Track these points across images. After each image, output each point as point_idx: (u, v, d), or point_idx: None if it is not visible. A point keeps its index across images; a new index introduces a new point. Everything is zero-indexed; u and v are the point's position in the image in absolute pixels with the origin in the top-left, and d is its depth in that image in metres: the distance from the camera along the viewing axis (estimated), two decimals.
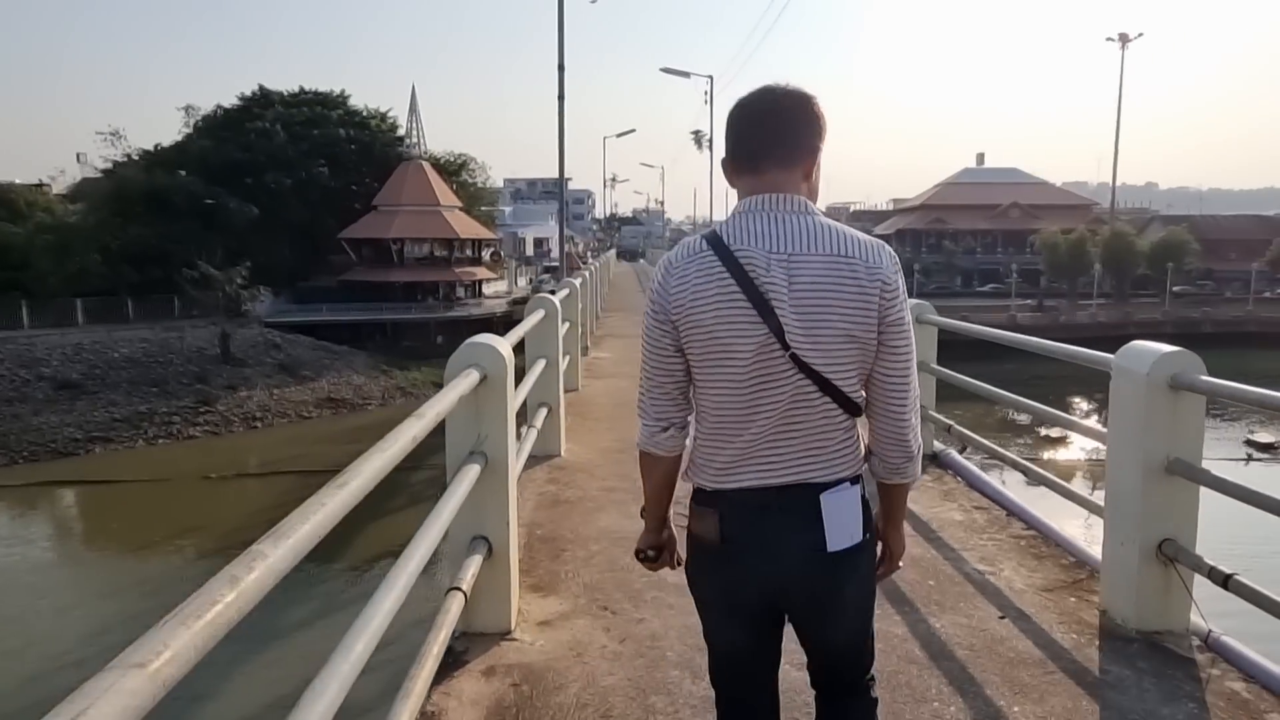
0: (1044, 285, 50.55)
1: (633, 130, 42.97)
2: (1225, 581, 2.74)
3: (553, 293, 6.29)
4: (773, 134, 1.56)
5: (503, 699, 2.63)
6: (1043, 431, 25.90)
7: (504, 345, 3.04)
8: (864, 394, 1.59)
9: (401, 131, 47.91)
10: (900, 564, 1.77)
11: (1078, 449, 24.11)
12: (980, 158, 70.90)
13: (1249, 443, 24.77)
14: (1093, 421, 5.13)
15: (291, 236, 41.88)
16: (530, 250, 68.34)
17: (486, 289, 48.28)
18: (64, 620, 16.66)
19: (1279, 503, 2.64)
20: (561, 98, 16.33)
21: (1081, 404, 29.23)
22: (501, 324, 44.72)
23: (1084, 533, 4.03)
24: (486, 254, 49.92)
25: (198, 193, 38.34)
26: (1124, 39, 46.28)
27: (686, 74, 28.78)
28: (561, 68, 16.03)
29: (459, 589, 2.55)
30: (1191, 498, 3.01)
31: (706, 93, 29.50)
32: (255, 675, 14.34)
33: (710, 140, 30.28)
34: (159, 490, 24.82)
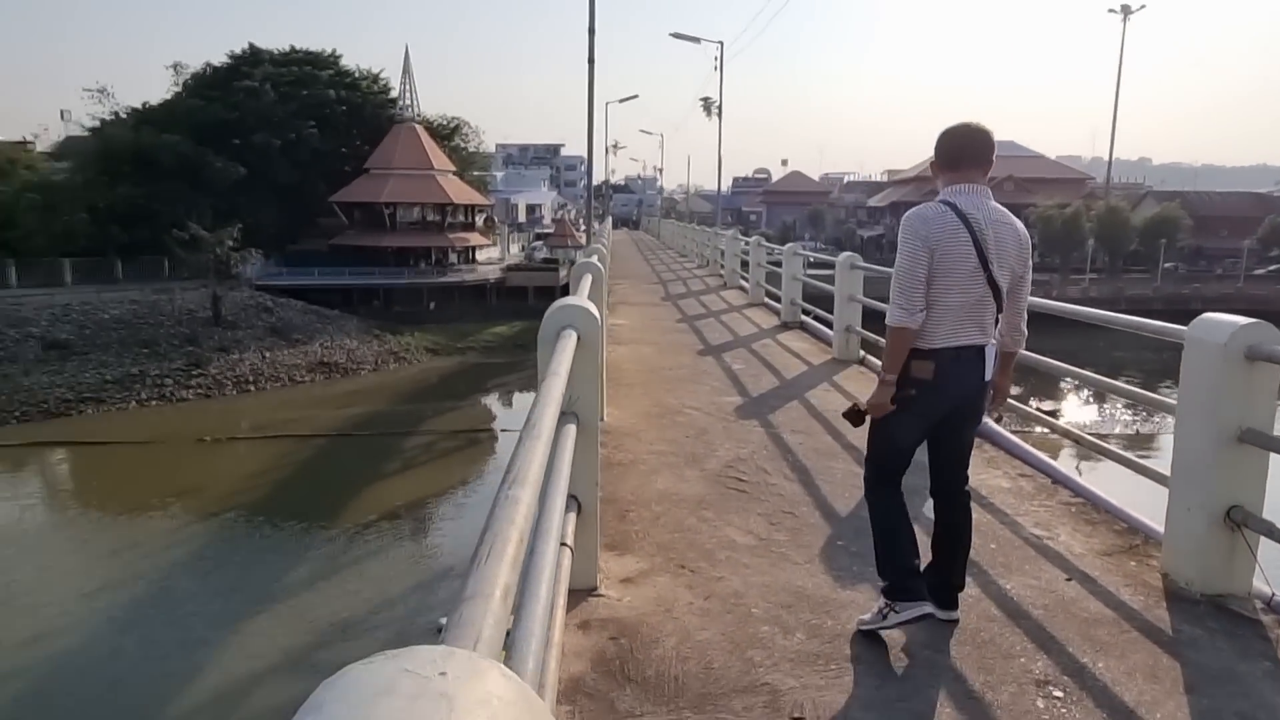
0: (1037, 260, 50.78)
1: (636, 96, 42.44)
2: None
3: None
4: (975, 151, 2.83)
5: (604, 651, 2.70)
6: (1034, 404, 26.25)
7: (594, 307, 3.06)
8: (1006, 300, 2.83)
9: (394, 94, 47.16)
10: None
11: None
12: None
13: None
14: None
15: (280, 198, 41.33)
16: (523, 217, 67.84)
17: (479, 255, 47.94)
18: (47, 577, 16.73)
19: None
20: (592, 61, 15.96)
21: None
22: (495, 291, 44.58)
23: (1132, 499, 4.12)
24: (479, 220, 49.49)
25: (186, 153, 37.69)
26: (1126, 10, 46.09)
27: (697, 39, 28.41)
28: (592, 31, 15.66)
29: (566, 544, 2.60)
30: (1262, 465, 3.10)
31: (716, 59, 29.06)
32: (263, 634, 14.53)
33: (720, 107, 29.85)
34: (152, 452, 24.76)
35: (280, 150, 40.68)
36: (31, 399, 26.79)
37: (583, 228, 59.33)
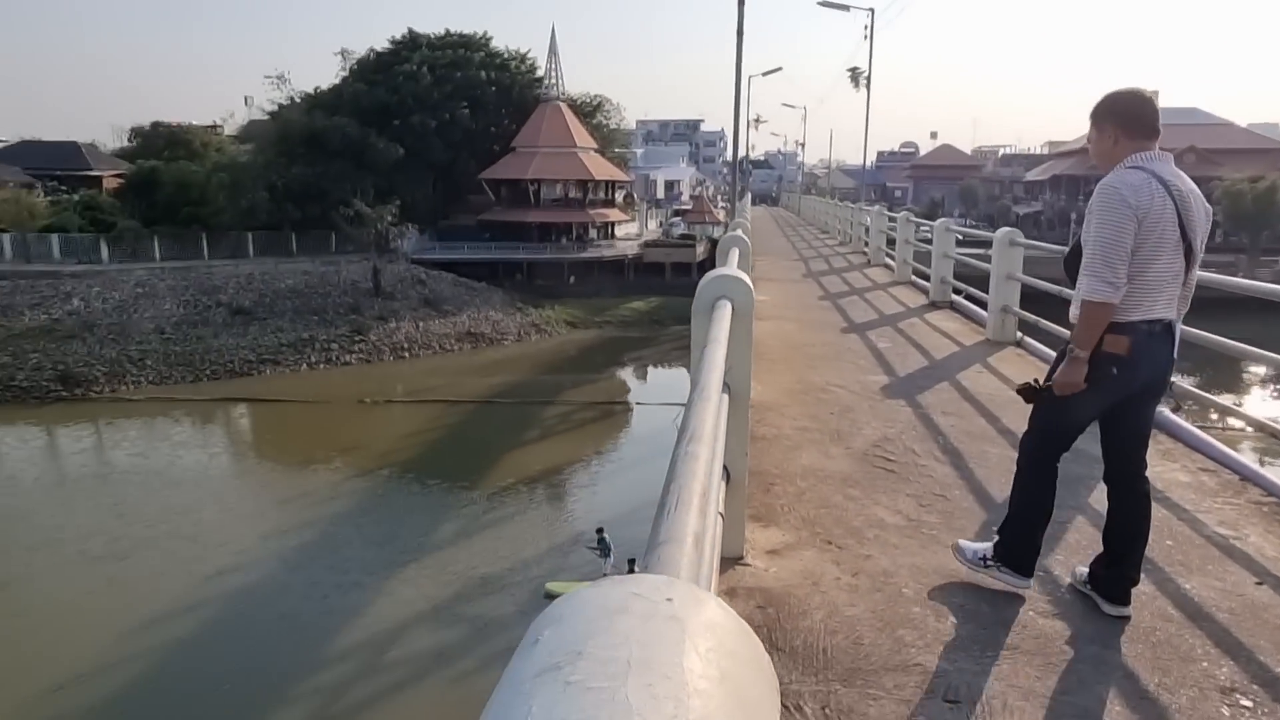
0: (1220, 239, 46.09)
1: (780, 69, 41.43)
2: None
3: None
4: (1153, 117, 2.75)
5: (751, 619, 2.72)
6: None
7: (748, 278, 3.05)
8: None
9: (540, 73, 48.36)
10: None
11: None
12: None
13: None
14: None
15: (434, 176, 43.48)
16: (661, 193, 68.15)
17: (618, 231, 48.65)
18: (227, 516, 18.64)
19: None
20: (740, 33, 15.80)
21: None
22: (633, 267, 45.17)
23: None
24: (619, 196, 50.17)
25: (351, 134, 40.24)
26: None
27: (846, 6, 27.44)
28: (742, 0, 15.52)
29: (719, 513, 2.64)
30: None
31: (866, 27, 27.95)
32: (410, 582, 15.58)
33: (869, 78, 28.74)
34: (318, 410, 26.91)
35: (435, 131, 42.70)
36: (219, 359, 29.69)
37: (720, 204, 58.82)
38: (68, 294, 30.66)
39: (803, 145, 68.73)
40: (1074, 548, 3.30)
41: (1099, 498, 3.84)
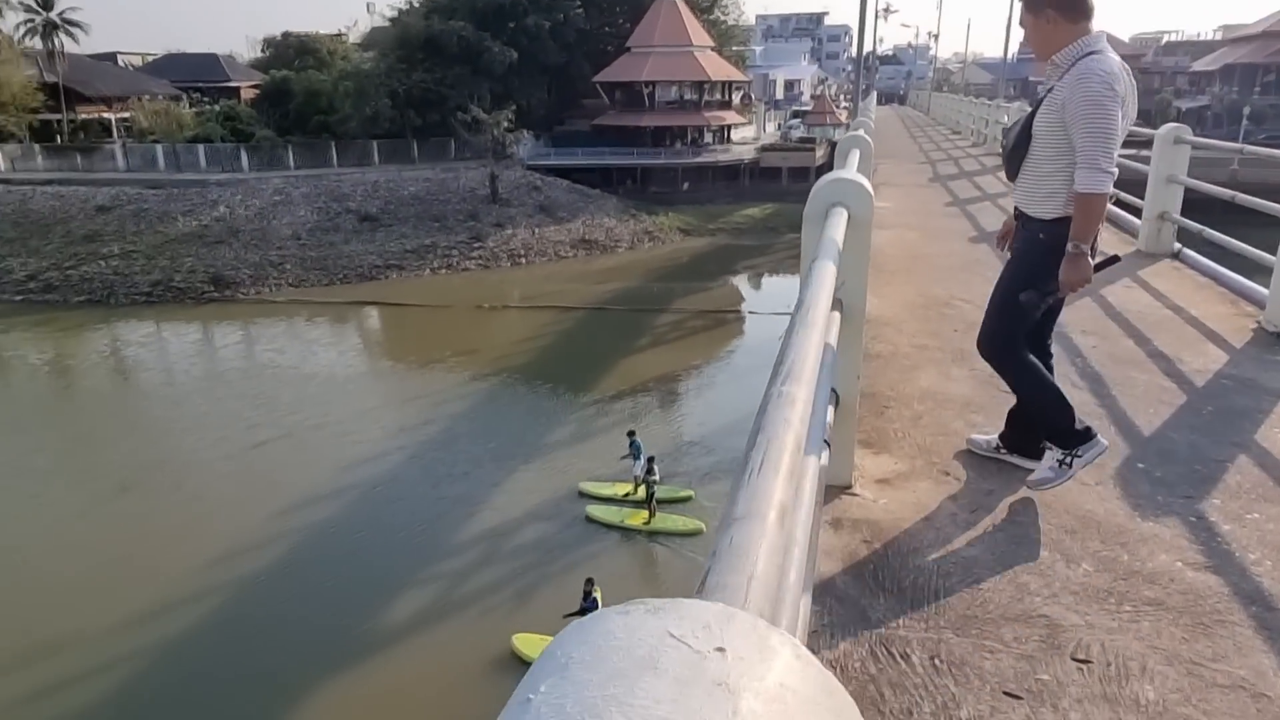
0: None
1: None
2: None
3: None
4: None
5: (855, 553, 2.55)
6: None
7: (867, 182, 2.74)
8: None
9: None
10: None
11: None
12: None
13: None
14: None
15: (548, 80, 42.93)
16: (780, 93, 65.05)
17: (734, 134, 46.98)
18: (353, 410, 19.86)
19: None
20: None
21: None
22: (749, 172, 43.73)
23: None
24: (736, 97, 48.20)
25: (468, 37, 39.98)
26: None
27: None
28: None
29: (825, 440, 2.43)
30: None
31: None
32: (517, 478, 16.21)
33: None
34: (440, 314, 27.92)
35: (549, 32, 41.87)
36: (350, 263, 31.10)
37: (843, 104, 55.73)
38: (214, 201, 32.58)
39: (936, 37, 63.59)
40: (1234, 490, 2.92)
41: (1266, 433, 3.40)
